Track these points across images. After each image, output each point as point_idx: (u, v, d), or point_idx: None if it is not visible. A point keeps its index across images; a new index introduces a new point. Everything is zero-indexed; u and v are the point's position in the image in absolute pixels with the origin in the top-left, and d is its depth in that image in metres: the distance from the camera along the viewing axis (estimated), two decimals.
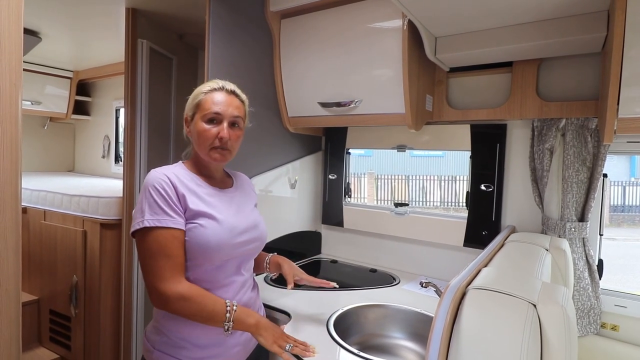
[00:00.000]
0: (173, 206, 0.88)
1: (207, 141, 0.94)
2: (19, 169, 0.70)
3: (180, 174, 0.94)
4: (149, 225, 0.85)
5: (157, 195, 0.87)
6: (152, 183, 0.88)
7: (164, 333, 0.91)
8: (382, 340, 1.27)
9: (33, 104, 2.93)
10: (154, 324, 0.95)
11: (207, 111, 0.94)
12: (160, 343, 0.91)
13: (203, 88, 0.98)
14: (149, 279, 0.85)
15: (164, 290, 0.83)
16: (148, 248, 0.85)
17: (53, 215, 2.16)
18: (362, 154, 2.04)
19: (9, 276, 0.69)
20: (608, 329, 1.31)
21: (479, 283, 0.73)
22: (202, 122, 0.94)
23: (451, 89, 1.59)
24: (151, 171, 0.91)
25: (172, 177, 0.90)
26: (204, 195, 0.94)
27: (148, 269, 0.85)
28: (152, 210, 0.86)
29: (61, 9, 1.87)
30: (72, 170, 3.52)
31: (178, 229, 0.87)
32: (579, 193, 1.29)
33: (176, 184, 0.90)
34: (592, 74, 1.29)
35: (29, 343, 2.19)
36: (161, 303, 0.85)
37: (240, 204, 1.03)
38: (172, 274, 0.84)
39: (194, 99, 0.98)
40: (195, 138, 0.96)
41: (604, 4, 1.01)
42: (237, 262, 0.98)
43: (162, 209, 0.86)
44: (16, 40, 0.69)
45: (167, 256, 0.85)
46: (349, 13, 1.44)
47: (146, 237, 0.85)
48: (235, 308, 0.89)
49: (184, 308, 0.84)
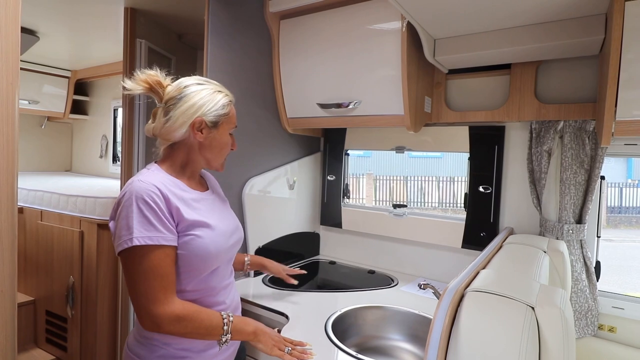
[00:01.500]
0: (165, 221, 0.80)
1: (227, 152, 0.97)
2: (15, 168, 0.70)
3: (166, 181, 0.87)
4: (139, 244, 0.77)
5: (148, 209, 0.79)
6: (140, 195, 0.79)
7: (151, 344, 0.86)
8: (380, 342, 1.27)
9: (30, 103, 2.92)
10: (136, 337, 0.89)
11: (233, 124, 0.97)
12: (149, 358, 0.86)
13: (223, 99, 0.93)
14: (140, 301, 0.78)
15: (158, 313, 0.78)
16: (138, 269, 0.78)
17: (50, 215, 2.15)
18: (360, 155, 2.04)
19: (4, 277, 0.69)
20: (605, 330, 1.31)
21: (478, 285, 0.73)
22: (229, 133, 0.96)
23: (450, 91, 1.59)
24: (135, 182, 0.82)
25: (162, 188, 0.83)
26: (192, 202, 0.90)
27: (138, 290, 0.78)
28: (141, 227, 0.78)
29: (59, 7, 1.86)
30: (69, 170, 3.51)
31: (170, 246, 0.81)
32: (577, 195, 1.30)
33: (168, 196, 0.83)
34: (590, 76, 1.30)
35: (24, 344, 2.17)
36: (154, 326, 0.79)
37: (221, 206, 1.02)
38: (165, 294, 0.79)
39: (223, 106, 0.92)
40: (216, 147, 0.94)
41: (602, 7, 1.01)
42: (227, 265, 0.99)
43: (153, 225, 0.79)
44: (14, 39, 0.68)
45: (159, 276, 0.78)
46: (348, 14, 1.44)
47: (136, 257, 0.78)
48: (231, 319, 0.88)
49: (180, 328, 0.80)
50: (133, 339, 0.90)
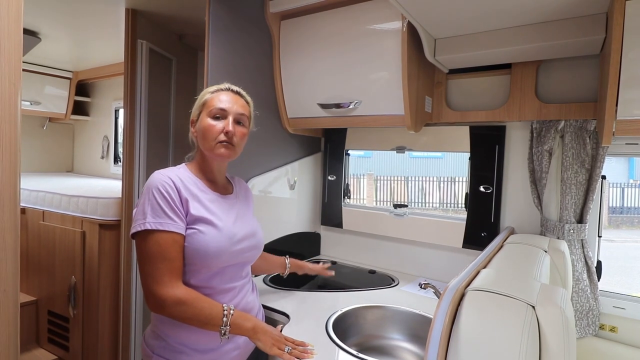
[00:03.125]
0: (176, 210, 0.87)
1: (213, 136, 0.94)
2: (17, 169, 0.70)
3: (184, 177, 0.94)
4: (150, 228, 0.84)
5: (161, 198, 0.86)
6: (155, 185, 0.87)
7: (162, 338, 0.91)
8: (381, 342, 1.27)
9: (32, 104, 2.93)
10: (152, 328, 0.95)
11: (212, 107, 0.95)
12: (159, 348, 0.91)
13: (209, 89, 1.00)
14: (147, 282, 0.84)
15: (161, 294, 0.83)
16: (148, 251, 0.84)
17: (52, 215, 2.15)
18: (361, 155, 2.04)
19: (7, 277, 0.69)
20: (607, 330, 1.31)
21: (478, 284, 0.74)
22: (207, 118, 0.95)
23: (450, 91, 1.59)
24: (155, 173, 0.91)
25: (176, 180, 0.90)
26: (205, 201, 0.94)
27: (146, 271, 0.84)
28: (154, 213, 0.85)
29: (61, 9, 1.87)
30: (71, 171, 3.52)
31: (179, 234, 0.87)
32: (578, 195, 1.30)
33: (180, 188, 0.90)
34: (590, 76, 1.30)
35: (27, 344, 2.18)
36: (158, 307, 0.84)
37: (240, 211, 1.03)
38: (170, 278, 0.84)
39: (200, 99, 1.00)
40: (200, 135, 0.96)
41: (602, 6, 1.01)
42: (236, 269, 0.98)
43: (165, 212, 0.86)
44: (16, 40, 0.69)
45: (166, 260, 0.84)
46: (348, 15, 1.44)
47: (147, 240, 0.85)
48: (232, 312, 0.89)
49: (180, 312, 0.84)
50: (149, 330, 0.96)
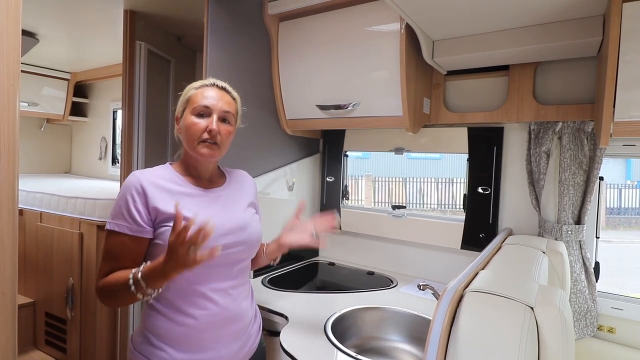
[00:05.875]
0: (133, 212, 0.86)
1: (196, 134, 0.90)
2: (16, 170, 0.70)
3: (161, 175, 0.92)
4: (108, 228, 0.88)
5: (122, 200, 0.87)
6: (124, 186, 0.89)
7: (144, 334, 0.91)
8: (379, 343, 1.27)
9: (30, 106, 2.92)
10: (140, 324, 0.95)
11: (196, 104, 0.92)
12: (139, 344, 0.91)
13: (194, 84, 0.98)
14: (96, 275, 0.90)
15: (96, 286, 0.88)
16: (103, 248, 0.89)
17: (49, 217, 2.14)
18: (359, 157, 2.04)
19: (5, 278, 0.69)
20: (605, 331, 1.31)
21: (477, 286, 0.74)
22: (191, 115, 0.92)
23: (448, 92, 1.59)
24: (130, 175, 0.90)
25: (144, 183, 0.87)
26: (182, 196, 0.90)
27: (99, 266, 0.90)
28: (114, 214, 0.88)
29: (59, 10, 1.87)
30: (68, 172, 3.51)
31: (128, 235, 0.86)
32: (576, 196, 1.30)
33: (147, 189, 0.87)
34: (588, 77, 1.30)
35: (24, 346, 2.16)
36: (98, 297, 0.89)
37: (227, 204, 0.97)
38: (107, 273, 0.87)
39: (184, 95, 0.97)
40: (184, 133, 0.93)
41: (599, 8, 1.02)
42: (223, 269, 0.92)
43: (122, 213, 0.87)
44: (14, 41, 0.69)
45: (111, 258, 0.87)
46: (347, 16, 1.45)
47: (106, 238, 0.89)
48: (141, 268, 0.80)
49: (104, 294, 0.87)
50: (137, 327, 0.97)
